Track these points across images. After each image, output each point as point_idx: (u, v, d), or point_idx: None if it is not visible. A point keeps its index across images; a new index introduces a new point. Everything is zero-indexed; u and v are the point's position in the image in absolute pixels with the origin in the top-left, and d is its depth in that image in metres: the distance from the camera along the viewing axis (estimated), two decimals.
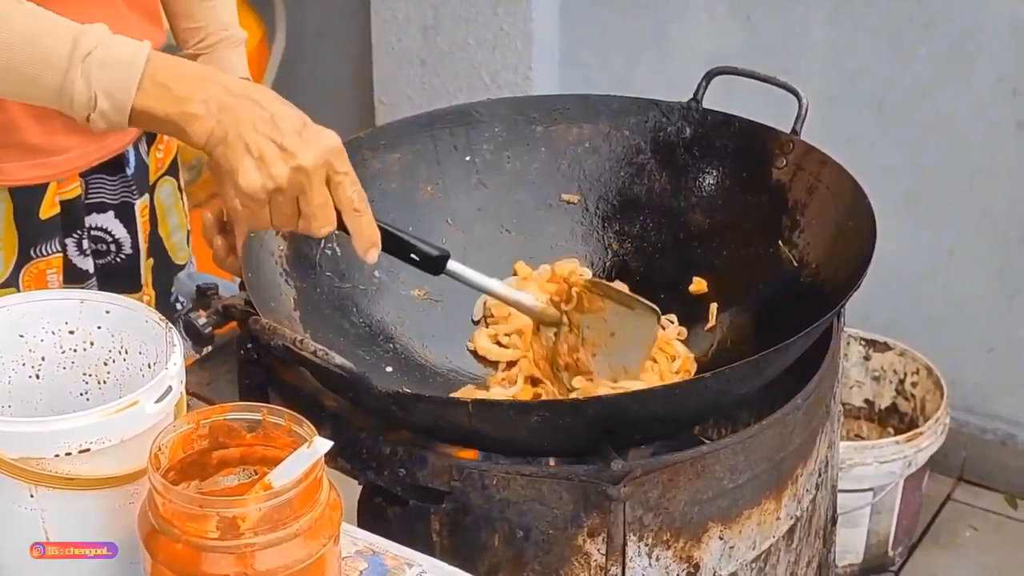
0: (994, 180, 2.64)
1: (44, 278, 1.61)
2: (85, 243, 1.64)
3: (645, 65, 2.86)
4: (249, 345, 1.48)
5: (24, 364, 1.24)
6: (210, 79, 1.35)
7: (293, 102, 1.39)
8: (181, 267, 1.79)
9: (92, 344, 1.25)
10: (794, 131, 1.68)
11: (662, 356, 1.61)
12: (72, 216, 1.62)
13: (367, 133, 1.74)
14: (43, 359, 1.24)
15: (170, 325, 1.21)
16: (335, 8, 3.22)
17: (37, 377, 1.25)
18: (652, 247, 1.75)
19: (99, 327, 1.24)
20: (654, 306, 1.56)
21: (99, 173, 1.64)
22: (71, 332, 1.24)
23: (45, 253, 1.60)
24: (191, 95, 1.33)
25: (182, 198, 1.80)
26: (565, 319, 1.59)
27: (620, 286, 1.68)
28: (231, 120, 1.32)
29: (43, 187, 1.58)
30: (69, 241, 1.63)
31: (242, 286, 1.51)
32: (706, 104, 1.76)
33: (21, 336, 1.23)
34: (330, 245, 1.65)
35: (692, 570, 1.42)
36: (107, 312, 1.24)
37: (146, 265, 1.73)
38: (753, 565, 1.48)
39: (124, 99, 1.32)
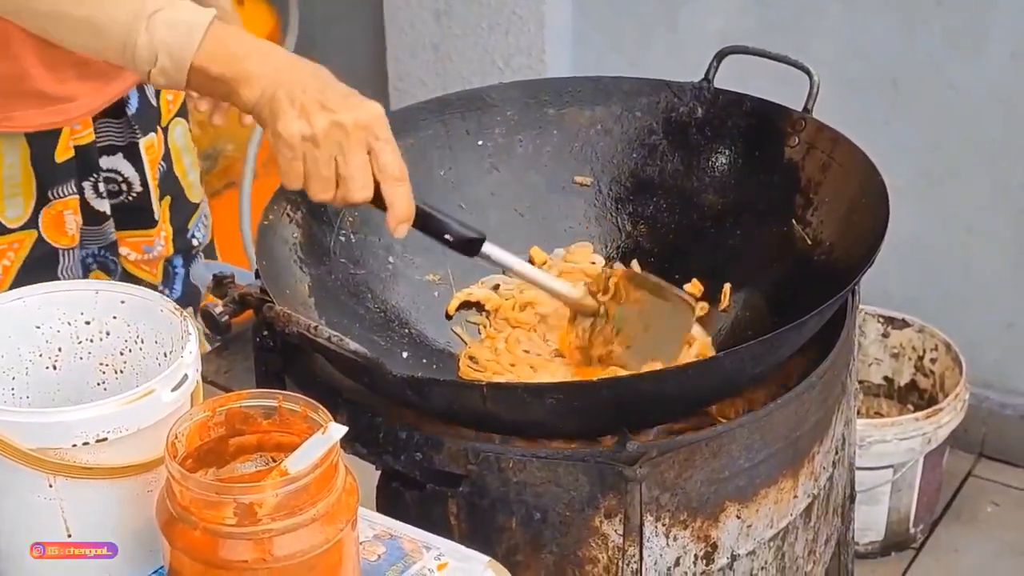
0: (1009, 155, 2.63)
1: (62, 219, 1.66)
2: (101, 185, 1.70)
3: (657, 46, 2.86)
4: (265, 332, 1.49)
5: (41, 355, 1.25)
6: (271, 48, 1.41)
7: None
8: (196, 206, 1.85)
9: (108, 334, 1.25)
10: (806, 109, 1.67)
11: None
12: (87, 160, 1.67)
13: None
14: (60, 350, 1.25)
15: (185, 314, 1.21)
16: None
17: (54, 368, 1.25)
18: (665, 228, 1.75)
19: (115, 317, 1.25)
20: (689, 298, 1.57)
21: (106, 118, 1.69)
22: (87, 323, 1.25)
23: (62, 195, 1.65)
24: (249, 55, 1.39)
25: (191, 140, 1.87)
26: (602, 310, 1.59)
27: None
28: (283, 81, 1.38)
29: (57, 132, 1.63)
30: (86, 184, 1.68)
31: (258, 274, 1.52)
32: (718, 84, 1.75)
33: (37, 327, 1.24)
34: (344, 231, 1.65)
35: (710, 549, 1.43)
36: (122, 302, 1.25)
37: (163, 202, 1.78)
38: (771, 543, 1.48)
39: (184, 56, 1.37)
